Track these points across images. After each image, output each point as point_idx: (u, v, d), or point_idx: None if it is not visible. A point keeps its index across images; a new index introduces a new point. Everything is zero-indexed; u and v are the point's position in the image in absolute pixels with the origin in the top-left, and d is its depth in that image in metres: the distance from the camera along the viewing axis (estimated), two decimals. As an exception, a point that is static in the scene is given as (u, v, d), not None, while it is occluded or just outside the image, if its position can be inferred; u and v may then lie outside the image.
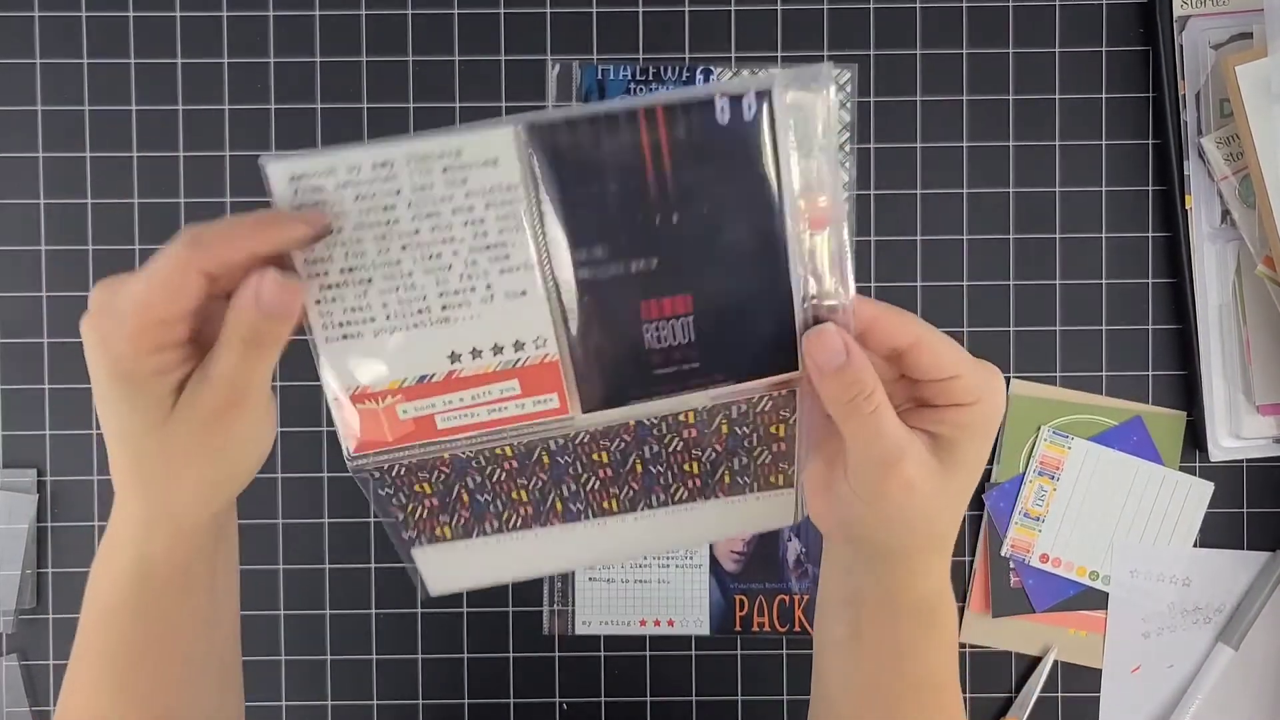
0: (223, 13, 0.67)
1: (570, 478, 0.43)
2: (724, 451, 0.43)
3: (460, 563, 0.45)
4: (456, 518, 0.43)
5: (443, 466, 0.41)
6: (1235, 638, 0.66)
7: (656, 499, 0.44)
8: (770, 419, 0.42)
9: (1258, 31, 0.64)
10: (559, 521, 0.44)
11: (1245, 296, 0.65)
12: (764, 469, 0.43)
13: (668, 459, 0.43)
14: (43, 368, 0.67)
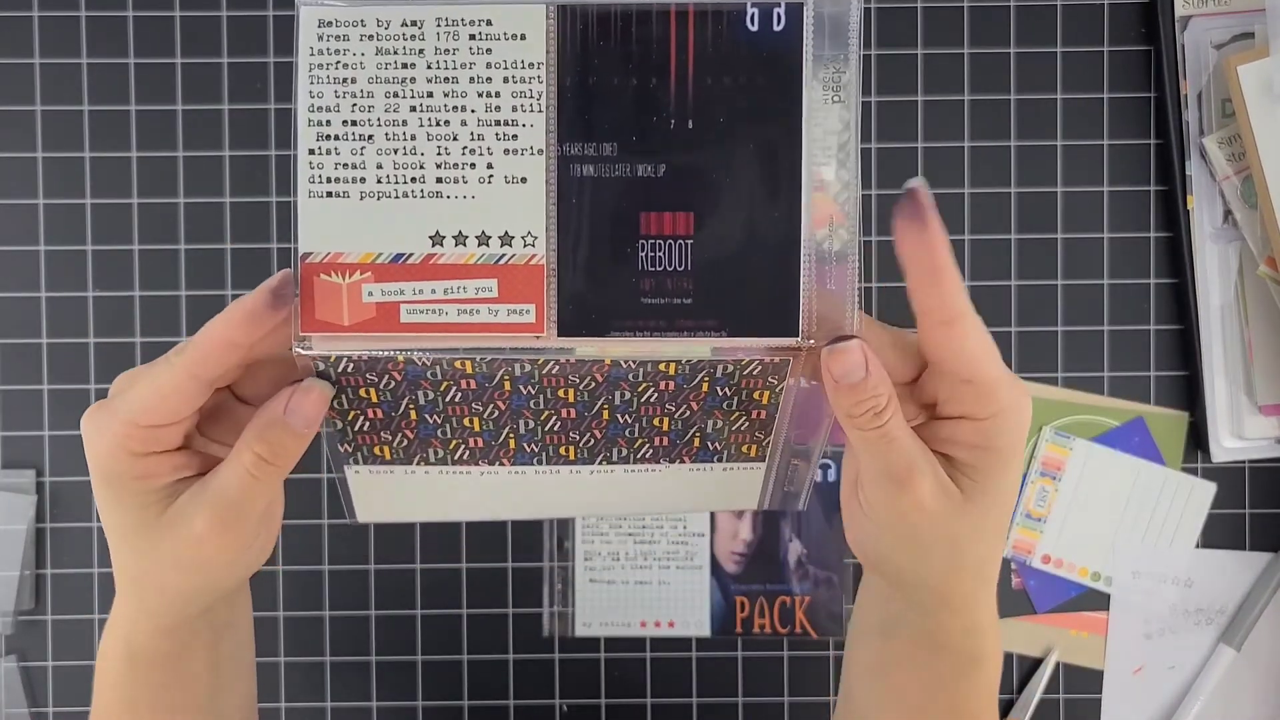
0: (222, 13, 0.67)
1: (530, 413, 0.39)
2: (699, 411, 0.39)
3: (394, 492, 0.41)
4: (400, 437, 0.39)
5: (395, 372, 0.37)
6: (1237, 639, 0.66)
7: (618, 453, 0.40)
8: (756, 384, 0.38)
9: (1259, 31, 0.64)
10: (509, 463, 0.40)
11: (1247, 297, 0.65)
12: (738, 436, 0.40)
13: (639, 410, 0.39)
14: (41, 368, 0.67)
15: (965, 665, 0.39)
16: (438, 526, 0.67)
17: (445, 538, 0.67)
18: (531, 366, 0.37)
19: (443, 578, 0.67)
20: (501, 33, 0.34)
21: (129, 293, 0.67)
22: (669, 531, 0.67)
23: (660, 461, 0.40)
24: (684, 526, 0.67)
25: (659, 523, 0.67)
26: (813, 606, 0.67)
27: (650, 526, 0.67)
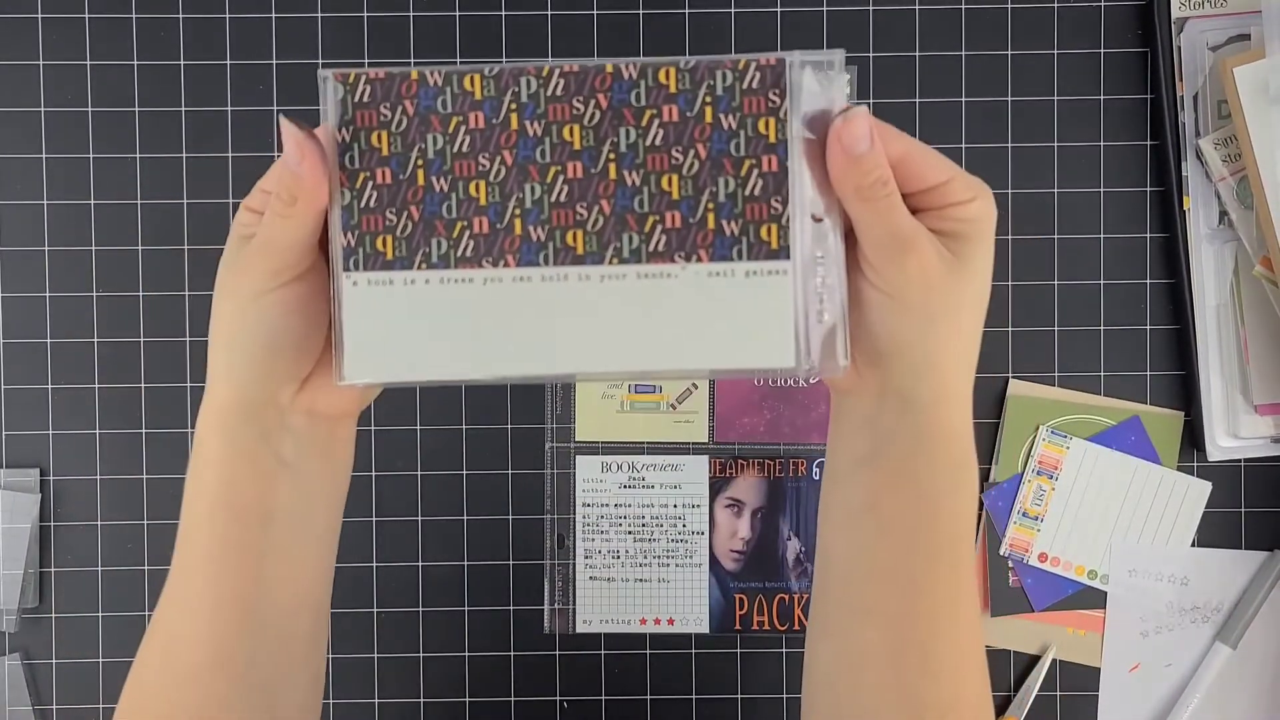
0: (226, 15, 0.67)
1: (535, 171, 0.38)
2: (708, 161, 0.37)
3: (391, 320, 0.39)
4: (404, 220, 0.38)
5: (408, 101, 0.38)
6: (1233, 637, 0.67)
7: (630, 242, 0.37)
8: (759, 106, 0.37)
9: (1255, 33, 0.64)
10: (514, 261, 0.38)
11: (1243, 297, 0.65)
12: (754, 208, 0.37)
13: (645, 159, 0.37)
14: (46, 368, 0.67)
15: (956, 474, 0.40)
16: (439, 525, 0.67)
17: (447, 536, 0.68)
18: (537, 85, 0.37)
19: (445, 575, 0.68)
20: None
21: (133, 293, 0.67)
22: (669, 529, 0.68)
23: (675, 257, 0.37)
24: (683, 525, 0.67)
25: (659, 521, 0.68)
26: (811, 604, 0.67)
27: (650, 525, 0.68)
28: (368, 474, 0.67)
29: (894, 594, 0.40)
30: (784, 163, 0.37)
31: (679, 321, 0.37)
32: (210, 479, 0.41)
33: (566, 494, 0.68)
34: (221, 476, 0.41)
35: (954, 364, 0.39)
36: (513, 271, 0.38)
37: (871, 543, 0.41)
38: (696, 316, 0.37)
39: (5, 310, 0.67)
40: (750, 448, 0.68)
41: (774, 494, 0.67)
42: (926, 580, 0.40)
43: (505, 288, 0.38)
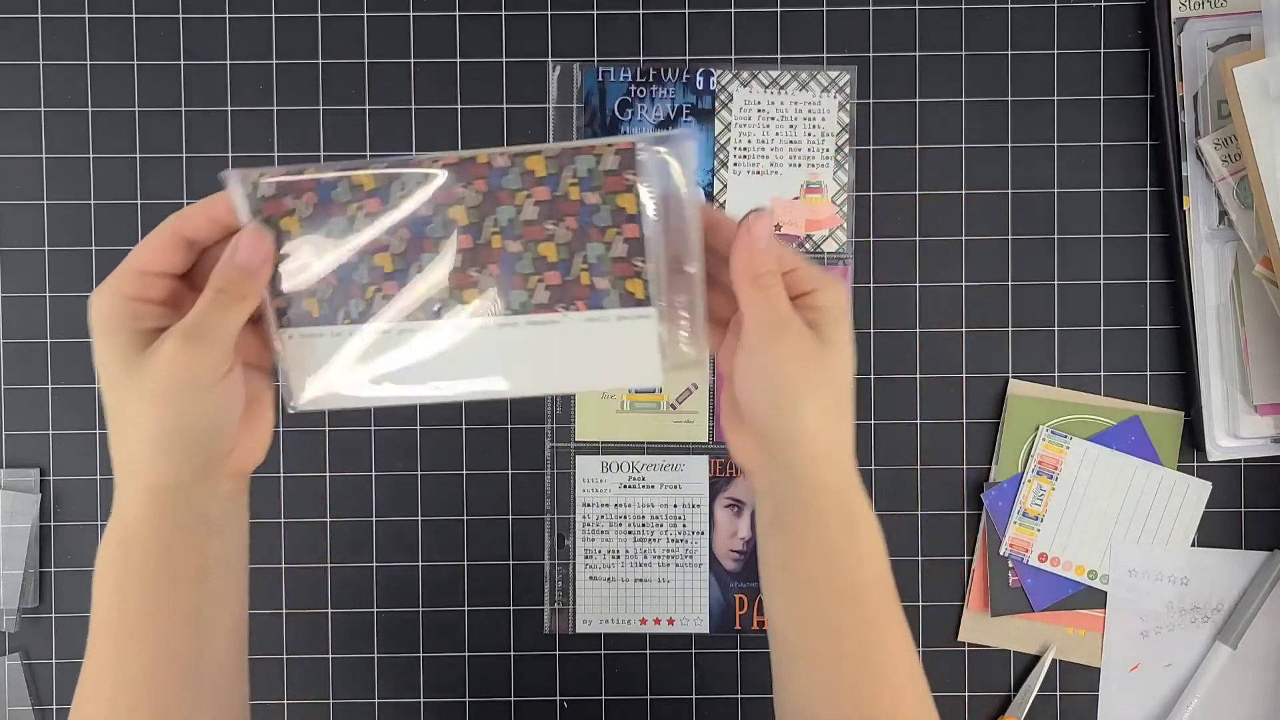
0: (226, 15, 0.67)
1: (429, 243, 0.43)
2: (578, 231, 0.43)
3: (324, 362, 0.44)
4: (324, 285, 0.44)
5: (309, 197, 0.43)
6: (1233, 637, 0.67)
7: (516, 298, 0.44)
8: (618, 184, 0.42)
9: (1255, 33, 0.64)
10: (422, 314, 0.44)
11: (1243, 297, 0.65)
12: (620, 267, 0.43)
13: (523, 231, 0.43)
14: (46, 368, 0.67)
15: (847, 524, 0.45)
16: (439, 525, 0.67)
17: (447, 535, 0.68)
18: (420, 180, 0.43)
19: (445, 575, 0.68)
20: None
21: (133, 292, 0.67)
22: (669, 530, 0.68)
23: (557, 307, 0.44)
24: (683, 525, 0.67)
25: (659, 521, 0.68)
26: (811, 604, 0.67)
27: (650, 525, 0.68)
28: (368, 474, 0.67)
29: (820, 641, 0.45)
30: (643, 230, 0.42)
31: (565, 356, 0.44)
32: (147, 555, 0.43)
33: (566, 494, 0.68)
34: (160, 552, 0.43)
35: (826, 429, 0.44)
36: (422, 323, 0.44)
37: (792, 598, 0.46)
38: (580, 352, 0.44)
39: (5, 310, 0.67)
40: (750, 448, 0.68)
41: (774, 494, 0.67)
42: (845, 625, 0.45)
43: (417, 335, 0.44)
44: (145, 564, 0.43)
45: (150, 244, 0.42)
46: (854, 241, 0.67)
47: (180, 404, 0.42)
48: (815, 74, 0.67)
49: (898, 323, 0.68)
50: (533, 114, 0.67)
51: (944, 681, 0.68)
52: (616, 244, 0.43)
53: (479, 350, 0.44)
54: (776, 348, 0.43)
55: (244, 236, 0.42)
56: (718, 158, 0.67)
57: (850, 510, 0.45)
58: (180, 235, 0.42)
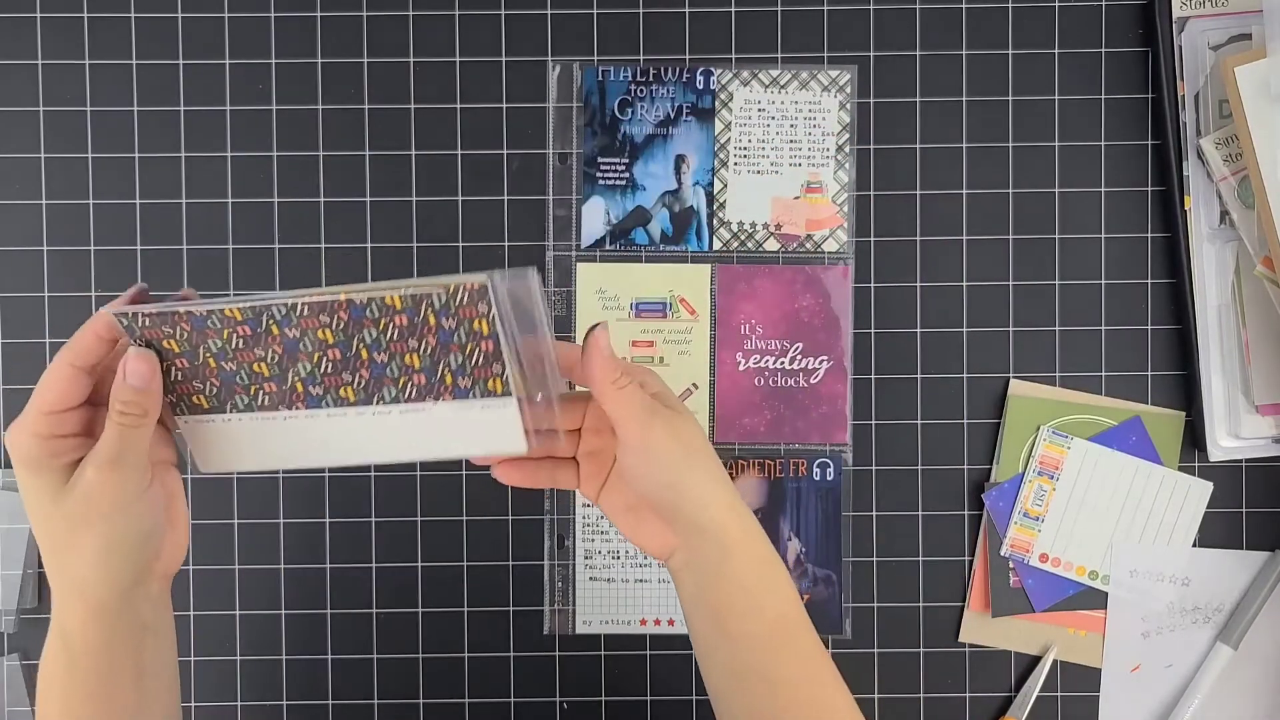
0: (224, 14, 0.67)
1: (304, 356, 0.48)
2: (438, 345, 0.47)
3: (220, 441, 0.50)
4: (209, 385, 0.49)
5: (183, 324, 0.47)
6: (1234, 637, 0.66)
7: (388, 393, 0.48)
8: (472, 313, 0.46)
9: (1257, 33, 0.64)
10: (302, 406, 0.49)
11: (1244, 297, 0.65)
12: (480, 371, 0.48)
13: (388, 347, 0.47)
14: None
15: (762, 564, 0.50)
16: (439, 526, 0.67)
17: (446, 536, 0.67)
18: (286, 309, 0.46)
19: (444, 576, 0.68)
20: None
21: (132, 292, 0.67)
22: (669, 530, 0.67)
23: (426, 399, 0.48)
24: (684, 525, 0.67)
25: (659, 521, 0.67)
26: (811, 604, 0.67)
27: (650, 525, 0.67)
28: (367, 475, 0.67)
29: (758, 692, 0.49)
30: (498, 345, 0.46)
31: (438, 434, 0.49)
32: (90, 663, 0.47)
33: (566, 494, 0.68)
34: (101, 659, 0.47)
35: (720, 485, 0.49)
36: (304, 412, 0.49)
37: (729, 656, 0.50)
38: (450, 430, 0.49)
39: (5, 310, 0.67)
40: (750, 448, 0.68)
41: (774, 494, 0.67)
42: (777, 671, 0.49)
43: (300, 421, 0.49)
44: (88, 671, 0.47)
45: (50, 385, 0.46)
46: (854, 241, 0.67)
47: (111, 523, 0.46)
48: (816, 73, 0.67)
49: (898, 323, 0.68)
50: (533, 113, 0.67)
51: (944, 682, 0.68)
52: (475, 354, 0.48)
53: (358, 432, 0.49)
54: (653, 432, 0.47)
55: (129, 360, 0.46)
56: (718, 157, 0.67)
57: (760, 553, 0.50)
58: (74, 367, 0.46)
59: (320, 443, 0.50)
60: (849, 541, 0.68)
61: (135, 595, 0.48)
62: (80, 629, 0.47)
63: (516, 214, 0.67)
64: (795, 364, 0.67)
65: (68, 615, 0.47)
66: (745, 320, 0.67)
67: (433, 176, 0.67)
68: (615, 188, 0.67)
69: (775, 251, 0.67)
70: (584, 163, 0.67)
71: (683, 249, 0.67)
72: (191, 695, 0.67)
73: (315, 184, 0.67)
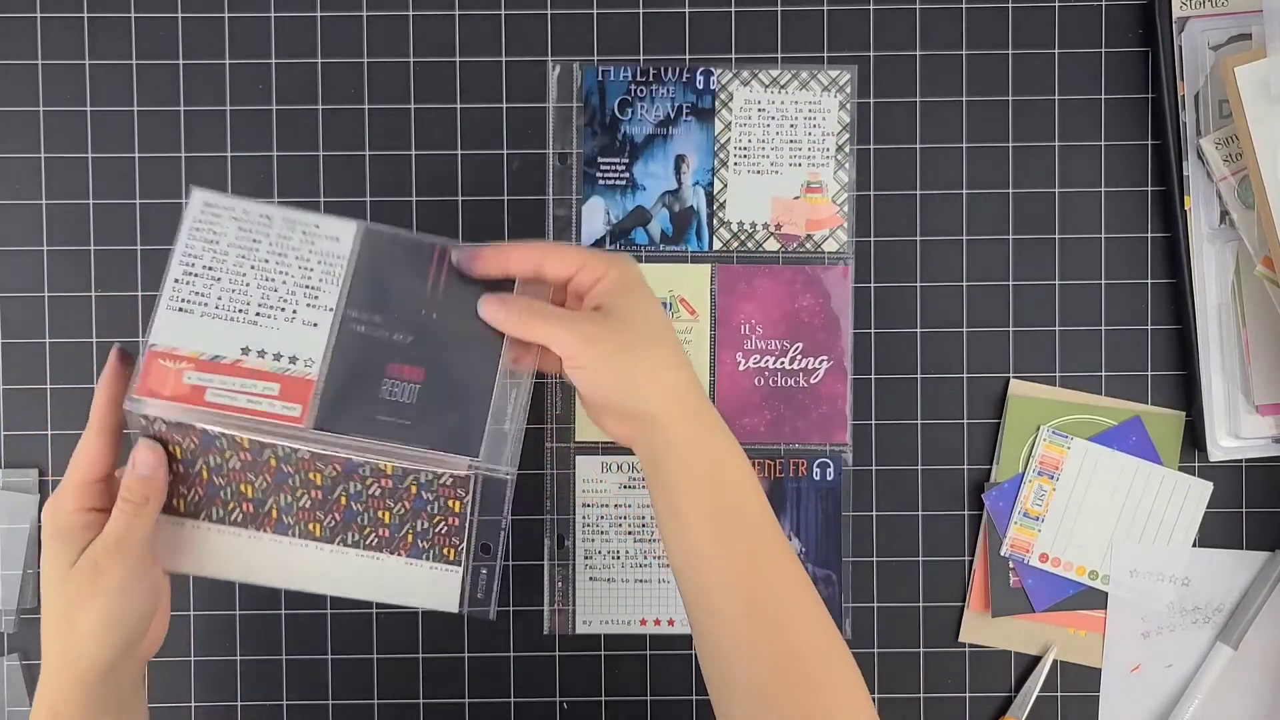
0: (225, 14, 0.67)
1: (288, 490, 0.53)
2: (410, 510, 0.54)
3: (184, 543, 0.54)
4: (192, 492, 0.53)
5: (193, 437, 0.52)
6: (1234, 637, 0.66)
7: (351, 537, 0.55)
8: (449, 493, 0.54)
9: (1257, 33, 0.64)
10: (270, 530, 0.54)
11: (1244, 297, 0.65)
12: (441, 538, 0.55)
13: (366, 500, 0.54)
14: (45, 368, 0.67)
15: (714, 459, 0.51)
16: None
17: (446, 536, 0.68)
18: (290, 451, 0.52)
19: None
20: (325, 234, 0.53)
21: (132, 293, 0.67)
22: (669, 530, 0.67)
23: (383, 551, 0.55)
24: (684, 525, 0.67)
25: (659, 521, 0.67)
26: (812, 605, 0.67)
27: (650, 525, 0.67)
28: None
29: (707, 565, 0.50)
30: (463, 523, 0.54)
31: (384, 581, 0.55)
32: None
33: (566, 494, 0.68)
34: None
35: (663, 386, 0.51)
36: (270, 535, 0.54)
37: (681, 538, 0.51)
38: (396, 580, 0.55)
39: (5, 310, 0.67)
40: (750, 448, 0.67)
41: (774, 494, 0.67)
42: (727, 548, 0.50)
43: (264, 542, 0.54)
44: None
45: (80, 458, 0.51)
46: (854, 241, 0.67)
47: (113, 600, 0.50)
48: (816, 73, 0.67)
49: (898, 323, 0.68)
50: (533, 113, 0.67)
51: (945, 682, 0.68)
52: (441, 525, 0.55)
53: (313, 563, 0.55)
54: (575, 354, 0.50)
55: (139, 451, 0.51)
56: (718, 157, 0.67)
57: (710, 440, 0.51)
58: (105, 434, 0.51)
59: (276, 565, 0.55)
60: (849, 541, 0.68)
61: (119, 671, 0.52)
62: (65, 702, 0.51)
63: (516, 214, 0.67)
64: (795, 364, 0.67)
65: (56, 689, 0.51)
66: (745, 320, 0.67)
67: (433, 176, 0.67)
68: (615, 188, 0.67)
69: (775, 251, 0.67)
70: (584, 163, 0.67)
71: (683, 249, 0.67)
72: (192, 695, 0.67)
73: (315, 184, 0.67)
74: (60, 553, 0.50)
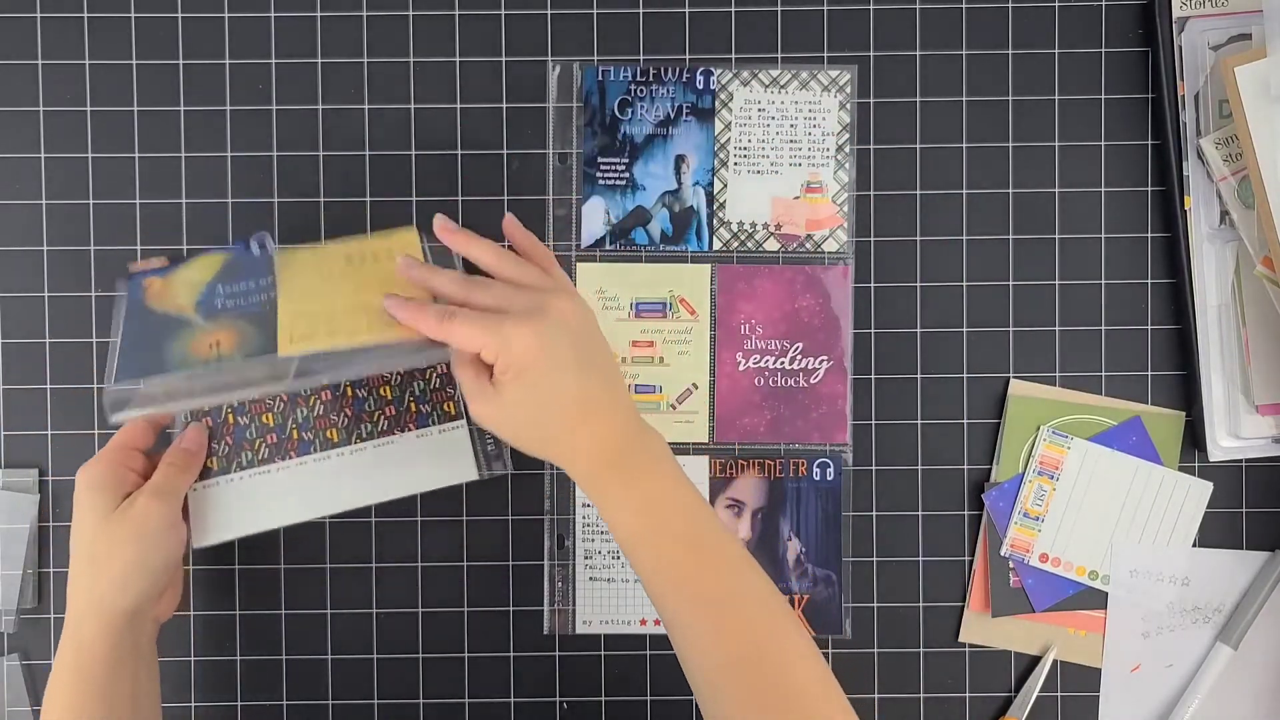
0: (224, 14, 0.67)
1: (301, 401, 0.63)
2: (404, 374, 0.63)
3: (221, 505, 0.62)
4: (222, 444, 0.62)
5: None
6: (1234, 637, 0.66)
7: (365, 429, 0.62)
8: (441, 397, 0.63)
9: (1256, 33, 0.64)
10: (295, 455, 0.62)
11: (1244, 297, 0.65)
12: (437, 395, 0.63)
13: (367, 381, 0.63)
14: (45, 368, 0.67)
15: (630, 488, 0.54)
16: (441, 525, 0.67)
17: (446, 536, 0.67)
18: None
19: (444, 576, 0.68)
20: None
21: (132, 292, 0.67)
22: (669, 530, 0.67)
23: (394, 432, 0.63)
24: (684, 525, 0.67)
25: (659, 521, 0.67)
26: (811, 604, 0.67)
27: (650, 525, 0.67)
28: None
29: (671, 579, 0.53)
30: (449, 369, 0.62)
31: (403, 466, 0.63)
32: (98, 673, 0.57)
33: (566, 494, 0.68)
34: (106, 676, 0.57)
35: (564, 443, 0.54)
36: (295, 461, 0.63)
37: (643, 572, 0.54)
38: (415, 460, 0.63)
39: (5, 310, 0.67)
40: (750, 448, 0.68)
41: (774, 494, 0.67)
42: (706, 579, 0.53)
43: (292, 471, 0.63)
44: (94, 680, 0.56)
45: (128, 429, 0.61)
46: (854, 241, 0.67)
47: (144, 545, 0.58)
48: (816, 73, 0.67)
49: (898, 323, 0.68)
50: (533, 113, 0.67)
51: (945, 682, 0.68)
52: (434, 379, 0.63)
53: (338, 475, 0.62)
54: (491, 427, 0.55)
55: (189, 430, 0.63)
56: (718, 157, 0.67)
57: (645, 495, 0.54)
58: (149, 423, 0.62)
59: (306, 493, 0.62)
60: (849, 541, 0.68)
61: (137, 622, 0.58)
62: (91, 642, 0.57)
63: (516, 214, 0.67)
64: (795, 364, 0.67)
65: (85, 628, 0.57)
66: (745, 320, 0.67)
67: (432, 176, 0.67)
68: (615, 188, 0.67)
69: (775, 251, 0.67)
70: (584, 163, 0.67)
71: (683, 249, 0.67)
72: (191, 695, 0.67)
73: (315, 184, 0.67)
74: (98, 502, 0.58)
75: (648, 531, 0.53)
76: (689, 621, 0.52)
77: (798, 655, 0.52)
